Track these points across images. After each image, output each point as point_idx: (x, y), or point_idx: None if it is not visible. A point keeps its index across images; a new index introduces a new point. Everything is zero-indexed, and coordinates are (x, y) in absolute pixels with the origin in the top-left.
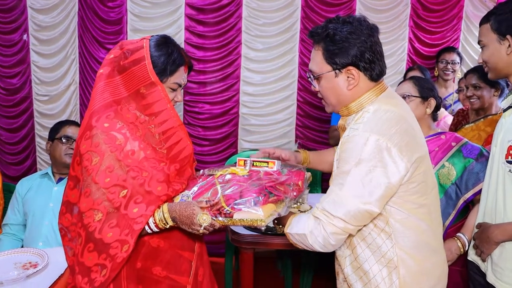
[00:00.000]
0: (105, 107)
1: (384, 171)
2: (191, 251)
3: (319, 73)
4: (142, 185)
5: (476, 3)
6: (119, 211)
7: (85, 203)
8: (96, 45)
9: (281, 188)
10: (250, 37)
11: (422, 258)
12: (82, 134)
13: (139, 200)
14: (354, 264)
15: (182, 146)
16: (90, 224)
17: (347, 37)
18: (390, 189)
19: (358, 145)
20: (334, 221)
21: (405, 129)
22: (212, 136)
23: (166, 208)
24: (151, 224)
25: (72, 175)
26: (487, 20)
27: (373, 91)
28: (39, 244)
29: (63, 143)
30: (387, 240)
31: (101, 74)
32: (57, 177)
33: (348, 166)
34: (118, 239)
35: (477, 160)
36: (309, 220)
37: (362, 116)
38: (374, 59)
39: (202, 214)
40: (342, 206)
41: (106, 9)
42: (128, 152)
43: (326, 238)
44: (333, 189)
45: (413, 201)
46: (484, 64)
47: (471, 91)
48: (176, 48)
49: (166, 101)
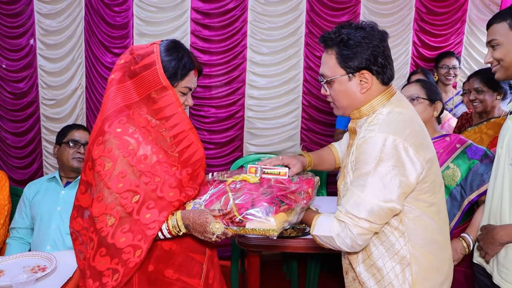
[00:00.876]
0: (117, 112)
1: (403, 170)
2: (203, 253)
3: (332, 77)
4: (155, 191)
5: (480, 6)
6: (131, 216)
7: (97, 208)
8: (102, 50)
9: (292, 197)
10: (256, 41)
11: (432, 255)
12: (94, 140)
13: (151, 206)
14: (367, 262)
15: (193, 149)
16: (102, 229)
17: (360, 41)
18: (408, 187)
19: (376, 146)
20: (360, 223)
21: (417, 130)
22: (218, 140)
23: (180, 215)
24: (164, 231)
25: (84, 179)
26: (502, 19)
27: (384, 94)
28: (46, 248)
29: (70, 147)
30: (400, 238)
31: (112, 79)
32: (64, 181)
33: (368, 168)
34: (130, 244)
35: (482, 161)
36: (333, 223)
37: (376, 118)
38: (386, 63)
39: (215, 223)
40: (365, 207)
41: (112, 14)
42: (140, 157)
43: (353, 239)
44: (354, 192)
45: (425, 199)
46: (496, 63)
47: (474, 95)
48: (186, 53)
49: (177, 105)
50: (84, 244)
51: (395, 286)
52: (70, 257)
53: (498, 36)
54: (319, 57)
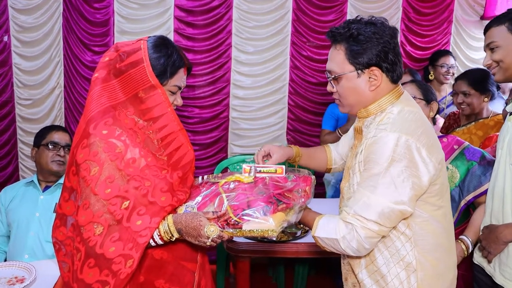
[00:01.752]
0: (102, 113)
1: (415, 171)
2: (194, 261)
3: (340, 73)
4: (145, 196)
5: (465, 7)
6: (121, 224)
7: (84, 216)
8: (82, 47)
9: (290, 195)
10: (241, 39)
11: (438, 261)
12: (78, 143)
13: (142, 212)
14: (370, 267)
15: (183, 152)
16: (90, 239)
17: (371, 37)
18: (421, 189)
19: (388, 146)
20: (369, 225)
21: (429, 130)
22: (202, 141)
23: (171, 219)
24: (155, 237)
25: (67, 186)
26: (500, 23)
27: (393, 93)
28: (24, 257)
29: (49, 149)
30: (406, 243)
31: (97, 78)
32: (43, 185)
33: (379, 168)
34: (121, 254)
35: (480, 163)
36: (339, 225)
37: (387, 117)
38: (396, 60)
39: (210, 226)
40: (376, 208)
41: (92, 10)
42: (129, 160)
43: (360, 242)
44: (364, 193)
45: (434, 203)
46: (495, 64)
47: (461, 98)
48: (175, 49)
49: (166, 104)
50: (68, 255)
51: None
52: (50, 267)
53: (497, 39)
54: (306, 57)
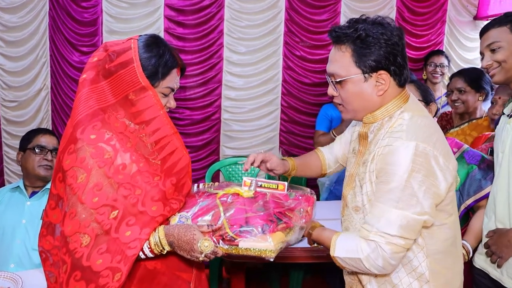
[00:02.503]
0: (90, 116)
1: (434, 180)
2: (190, 271)
3: (345, 77)
4: (135, 205)
5: (458, 7)
6: (109, 235)
7: (70, 226)
8: (69, 48)
9: (291, 215)
10: (233, 39)
11: (447, 270)
12: (65, 148)
13: (131, 222)
14: (379, 278)
15: (177, 156)
16: (76, 250)
17: (379, 38)
18: (439, 198)
19: (406, 155)
20: (394, 240)
21: (441, 136)
22: (193, 143)
23: (162, 231)
24: (145, 249)
25: (54, 193)
26: (501, 24)
27: (400, 97)
28: (10, 266)
29: (36, 153)
30: (419, 254)
31: (84, 79)
32: (30, 191)
33: (398, 179)
34: (108, 267)
35: (479, 166)
36: (361, 244)
37: (398, 124)
38: (404, 63)
39: (204, 240)
40: (400, 223)
41: (80, 10)
42: (118, 166)
43: (386, 259)
44: (384, 208)
45: (447, 210)
46: (496, 65)
47: (456, 95)
48: (168, 49)
49: (158, 107)
50: (55, 265)
51: None
52: (37, 277)
53: (500, 39)
54: (299, 57)
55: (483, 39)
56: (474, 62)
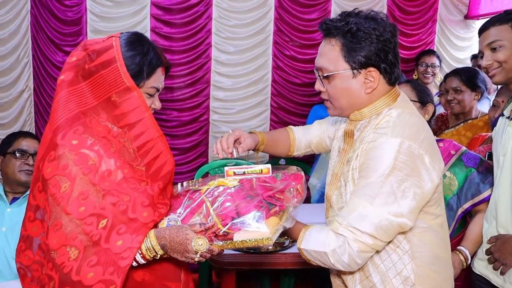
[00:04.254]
0: (71, 120)
1: (418, 180)
2: (178, 281)
3: (333, 72)
4: (125, 212)
5: (449, 6)
6: (99, 246)
7: (55, 239)
8: (52, 47)
9: (281, 197)
10: (221, 39)
11: (436, 274)
12: (44, 155)
13: (122, 231)
14: (365, 283)
15: (162, 160)
16: (64, 264)
17: (371, 33)
18: (423, 200)
19: (389, 152)
20: (363, 238)
21: (430, 135)
22: (181, 145)
23: (153, 235)
24: (137, 256)
25: (33, 204)
26: (502, 22)
27: (389, 95)
28: None
29: (16, 158)
30: (404, 256)
31: (62, 81)
32: (10, 197)
33: (378, 176)
34: (101, 280)
35: (478, 169)
36: (329, 237)
37: (385, 120)
38: (395, 61)
39: (197, 239)
40: (373, 220)
41: (63, 8)
42: (104, 173)
43: (352, 256)
44: (359, 202)
45: (432, 212)
46: (497, 65)
47: (452, 94)
48: (152, 47)
49: (143, 108)
50: (36, 281)
51: None
52: None
53: (501, 38)
54: (289, 56)
55: (482, 38)
56: (465, 62)
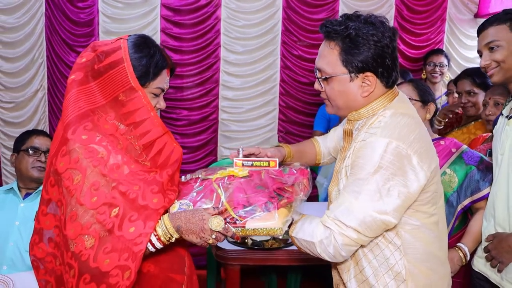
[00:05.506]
0: (80, 117)
1: (403, 180)
2: (182, 273)
3: (331, 74)
4: (135, 200)
5: (458, 5)
6: (113, 233)
7: (72, 229)
8: (66, 48)
9: (290, 190)
10: (230, 39)
11: (431, 271)
12: (57, 150)
13: (134, 218)
14: (359, 277)
15: (168, 150)
16: (82, 253)
17: (369, 39)
18: (409, 199)
19: (376, 151)
20: (347, 232)
21: (423, 136)
22: (191, 144)
23: (167, 218)
24: (154, 241)
25: (45, 198)
26: (500, 22)
27: (386, 96)
28: (3, 268)
29: (29, 155)
30: (395, 252)
31: (73, 80)
32: (23, 193)
33: (365, 173)
34: (117, 265)
35: (478, 167)
36: (318, 228)
37: (378, 120)
38: (393, 65)
39: (214, 218)
40: (357, 215)
41: (76, 10)
42: (112, 166)
43: (337, 249)
44: (346, 198)
45: (425, 210)
46: (495, 65)
47: (466, 97)
48: (158, 49)
49: (148, 108)
50: (50, 273)
51: None
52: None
53: (499, 38)
54: (297, 56)
55: (481, 37)
56: (475, 61)
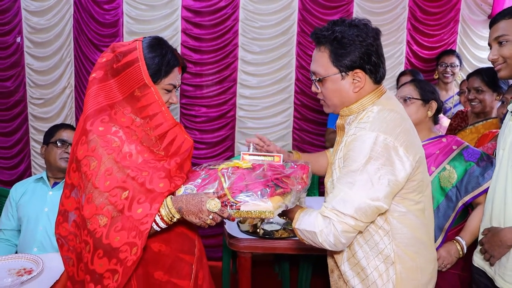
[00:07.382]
0: (98, 111)
1: (392, 169)
2: (192, 254)
3: (324, 76)
4: (143, 184)
5: (472, 6)
6: (123, 214)
7: (88, 210)
8: (92, 48)
9: (287, 181)
10: (247, 39)
11: (417, 255)
12: (78, 140)
13: (142, 200)
14: (351, 260)
15: (180, 141)
16: (96, 230)
17: (354, 40)
18: (396, 186)
19: (366, 144)
20: (345, 219)
21: (408, 129)
22: (209, 140)
23: (169, 200)
24: (158, 221)
25: (68, 183)
26: (511, 16)
27: (375, 93)
28: (33, 250)
29: (58, 147)
30: (384, 237)
31: (94, 78)
32: (52, 182)
33: (357, 165)
34: (126, 242)
35: (478, 164)
36: (317, 218)
37: (367, 116)
38: (379, 62)
39: (211, 200)
40: (353, 204)
41: (102, 12)
42: (125, 154)
43: (337, 236)
44: (341, 188)
45: (411, 198)
46: (502, 60)
47: (473, 94)
48: (170, 49)
49: (160, 103)
50: (72, 250)
51: (378, 285)
52: (57, 259)
53: (508, 33)
54: (312, 56)
55: (492, 30)
56: (488, 62)
